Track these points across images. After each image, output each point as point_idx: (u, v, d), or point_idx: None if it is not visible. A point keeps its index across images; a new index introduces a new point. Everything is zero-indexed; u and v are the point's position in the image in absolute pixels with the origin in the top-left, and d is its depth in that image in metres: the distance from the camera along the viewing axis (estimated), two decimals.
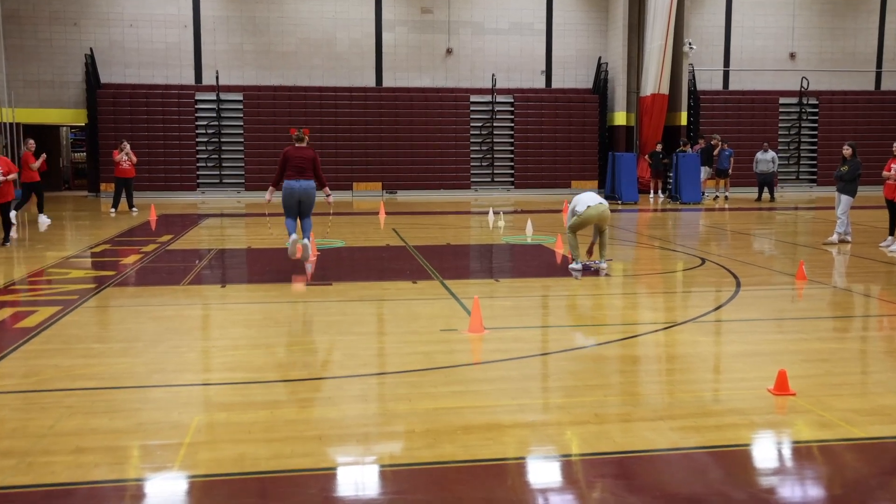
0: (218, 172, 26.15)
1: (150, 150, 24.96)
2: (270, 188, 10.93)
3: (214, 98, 25.85)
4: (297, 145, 10.76)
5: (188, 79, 26.11)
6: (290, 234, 10.72)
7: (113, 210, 19.89)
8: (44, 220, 17.03)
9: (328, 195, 11.18)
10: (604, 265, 10.94)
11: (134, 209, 20.10)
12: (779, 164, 25.72)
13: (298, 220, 10.89)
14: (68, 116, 25.86)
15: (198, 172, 25.99)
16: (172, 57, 25.96)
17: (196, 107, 25.80)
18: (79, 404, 5.38)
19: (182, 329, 7.69)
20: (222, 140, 26.06)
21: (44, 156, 17.55)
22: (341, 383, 5.95)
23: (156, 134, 25.29)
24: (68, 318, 8.05)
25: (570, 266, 10.99)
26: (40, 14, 25.17)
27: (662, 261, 12.65)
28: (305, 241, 10.77)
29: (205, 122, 25.92)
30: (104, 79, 25.54)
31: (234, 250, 13.75)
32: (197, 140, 25.90)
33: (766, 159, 24.01)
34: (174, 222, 18.09)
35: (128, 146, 20.12)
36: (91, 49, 25.21)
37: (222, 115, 25.96)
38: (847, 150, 14.02)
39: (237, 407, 5.34)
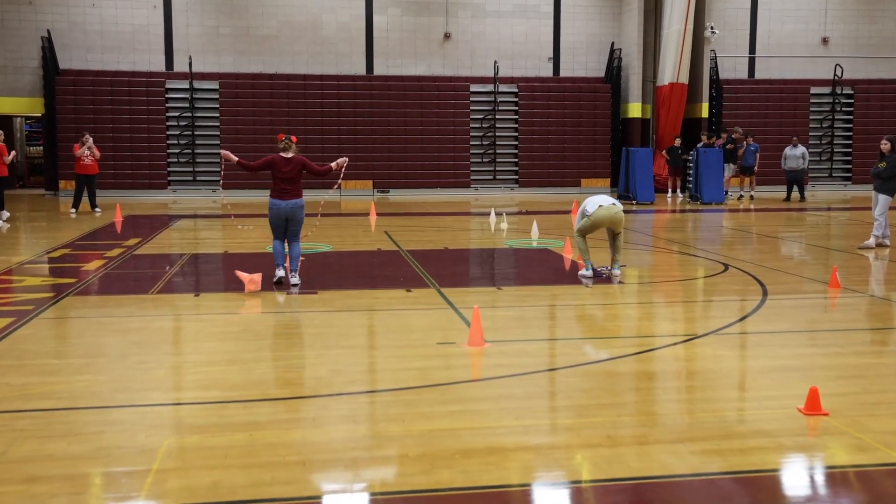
0: (191, 169, 26.15)
1: (115, 144, 24.94)
2: (238, 159, 10.39)
3: (187, 86, 25.86)
4: (283, 155, 10.32)
5: (158, 65, 26.12)
6: (277, 265, 10.45)
7: (73, 210, 19.88)
8: None
9: (337, 165, 11.01)
10: (617, 272, 10.99)
11: (97, 209, 20.09)
12: (810, 161, 25.72)
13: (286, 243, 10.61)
14: (23, 106, 25.85)
15: (168, 169, 25.99)
16: (140, 41, 25.97)
17: (167, 96, 25.81)
18: (33, 427, 5.36)
19: (150, 343, 7.67)
20: (196, 133, 26.06)
21: (14, 152, 17.71)
22: (327, 402, 5.94)
23: (122, 126, 25.29)
24: (22, 331, 8.03)
25: (580, 273, 11.03)
26: None
27: (681, 267, 12.67)
28: (293, 280, 10.49)
29: (176, 114, 25.92)
30: (63, 64, 25.54)
31: (209, 255, 13.75)
32: (168, 133, 25.90)
33: (795, 155, 24.02)
34: (142, 224, 18.09)
35: (90, 140, 20.12)
36: (48, 31, 25.21)
37: (196, 105, 25.96)
38: (885, 145, 14.01)
39: (211, 429, 5.33)
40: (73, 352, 7.44)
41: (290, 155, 10.35)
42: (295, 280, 10.46)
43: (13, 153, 17.58)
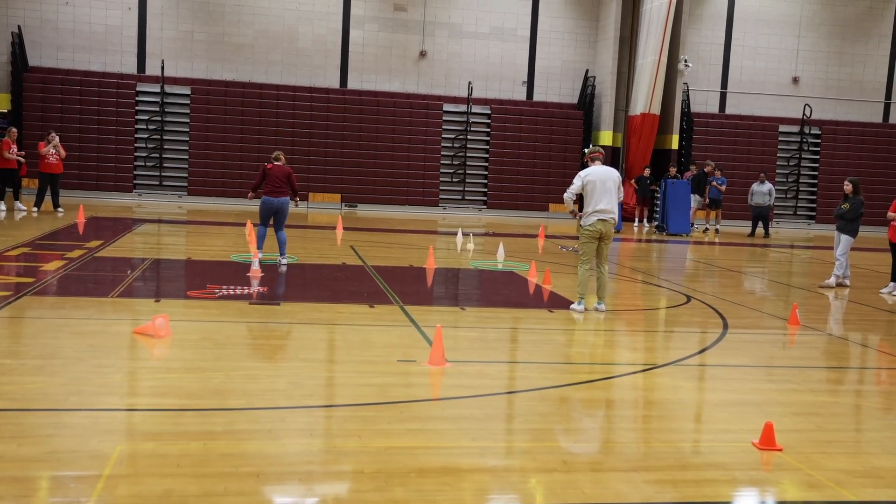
0: (158, 174, 25.99)
1: (81, 144, 24.76)
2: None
3: (158, 90, 25.74)
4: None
5: (129, 67, 25.98)
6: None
7: (36, 209, 19.67)
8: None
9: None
10: (602, 307, 10.68)
11: (60, 209, 19.89)
12: (775, 198, 26.01)
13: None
14: None
15: (135, 172, 25.82)
16: (113, 42, 25.82)
17: (137, 99, 25.67)
18: None
19: (107, 347, 7.60)
20: (165, 138, 25.92)
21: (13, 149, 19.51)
22: (284, 415, 5.92)
23: (89, 127, 25.11)
24: None
25: (572, 306, 10.65)
26: None
27: (644, 296, 12.77)
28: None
29: (146, 117, 25.78)
30: (33, 61, 25.32)
31: (172, 261, 13.65)
32: (136, 136, 25.75)
33: (762, 191, 24.30)
34: (105, 226, 17.92)
35: (56, 138, 19.94)
36: (19, 27, 24.99)
37: (166, 109, 25.84)
38: (847, 187, 14.25)
39: (165, 437, 5.29)
40: (27, 352, 7.34)
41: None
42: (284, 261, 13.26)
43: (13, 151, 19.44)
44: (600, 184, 10.44)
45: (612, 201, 10.50)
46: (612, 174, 10.60)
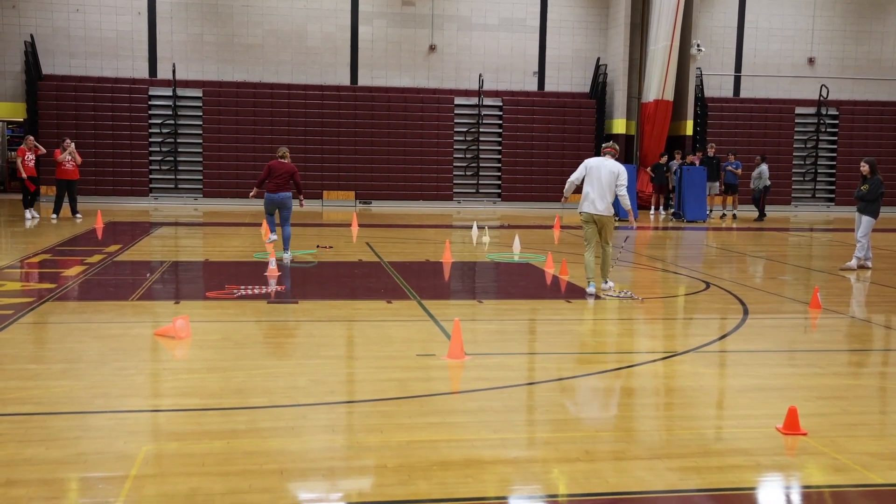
0: (173, 177, 26.12)
1: (96, 150, 24.90)
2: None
3: (170, 94, 25.84)
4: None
5: (141, 72, 26.10)
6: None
7: (54, 216, 19.80)
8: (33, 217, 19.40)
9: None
10: (610, 285, 10.99)
11: (78, 215, 20.03)
12: (769, 176, 24.92)
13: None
14: (5, 110, 25.76)
15: (150, 176, 25.95)
16: (124, 47, 25.94)
17: (150, 103, 25.78)
18: (11, 431, 5.36)
19: (130, 349, 7.67)
20: (178, 141, 26.04)
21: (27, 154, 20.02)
22: (306, 412, 5.96)
23: (104, 132, 25.24)
24: (1, 336, 8.01)
25: (587, 290, 10.96)
26: None
27: (663, 284, 12.75)
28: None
29: (159, 121, 25.90)
30: (46, 69, 25.48)
31: (190, 263, 13.74)
32: (150, 140, 25.87)
33: (754, 176, 24.13)
34: (123, 231, 18.04)
35: (72, 145, 20.07)
36: (32, 35, 25.15)
37: (179, 112, 25.95)
38: (864, 168, 14.13)
39: (190, 436, 5.35)
40: (52, 357, 7.42)
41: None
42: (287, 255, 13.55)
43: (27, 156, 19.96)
44: (596, 175, 10.79)
45: (604, 196, 10.77)
46: (610, 165, 10.84)
